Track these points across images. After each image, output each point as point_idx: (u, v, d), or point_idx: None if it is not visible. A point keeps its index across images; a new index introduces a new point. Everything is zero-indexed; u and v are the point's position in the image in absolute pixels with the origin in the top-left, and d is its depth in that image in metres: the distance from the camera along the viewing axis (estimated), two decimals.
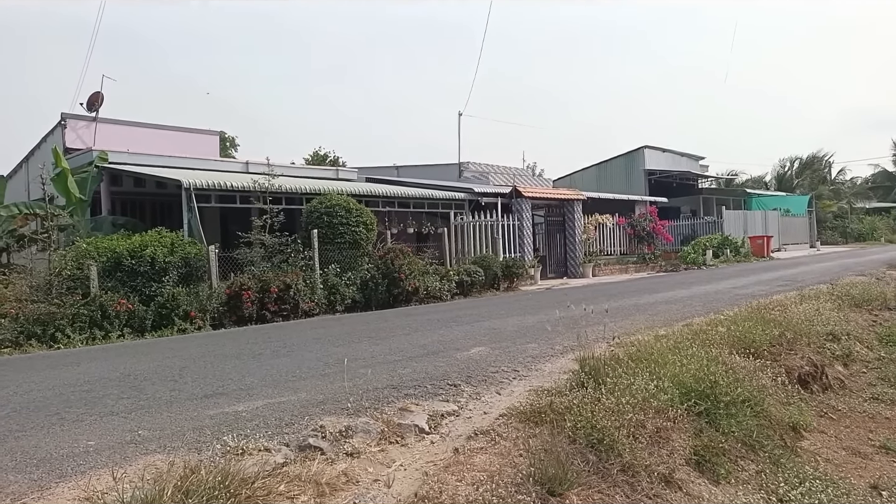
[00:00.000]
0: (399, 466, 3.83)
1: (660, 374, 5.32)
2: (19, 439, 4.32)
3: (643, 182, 31.34)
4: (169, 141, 18.60)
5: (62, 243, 12.62)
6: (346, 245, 13.77)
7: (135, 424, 4.54)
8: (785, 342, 7.74)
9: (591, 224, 22.30)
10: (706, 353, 6.20)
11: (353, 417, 4.43)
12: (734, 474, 4.91)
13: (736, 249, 25.90)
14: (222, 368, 6.71)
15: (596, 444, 4.26)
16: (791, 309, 9.54)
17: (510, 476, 3.71)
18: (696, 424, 5.11)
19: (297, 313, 12.11)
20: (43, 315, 9.95)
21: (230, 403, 5.04)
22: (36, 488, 3.38)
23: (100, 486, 3.30)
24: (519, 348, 7.10)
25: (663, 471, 4.38)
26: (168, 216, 16.74)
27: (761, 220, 31.45)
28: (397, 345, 7.74)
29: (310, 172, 20.80)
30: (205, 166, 16.99)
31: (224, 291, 11.68)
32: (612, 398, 4.70)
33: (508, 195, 19.88)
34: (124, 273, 11.00)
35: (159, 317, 10.84)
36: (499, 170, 27.68)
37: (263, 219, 13.26)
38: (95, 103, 18.50)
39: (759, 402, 5.80)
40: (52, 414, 4.99)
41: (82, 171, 15.40)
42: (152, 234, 11.92)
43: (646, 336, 6.86)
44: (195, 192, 13.30)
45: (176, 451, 3.84)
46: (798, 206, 37.33)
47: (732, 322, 7.98)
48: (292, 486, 3.38)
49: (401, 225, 17.79)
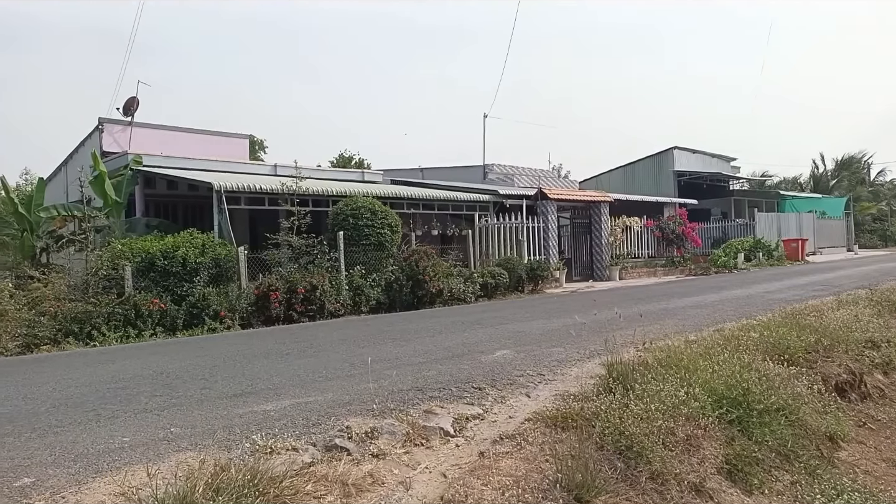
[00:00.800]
0: (424, 469, 3.84)
1: (690, 381, 5.23)
2: (58, 434, 4.44)
3: (672, 184, 30.92)
4: (200, 144, 18.95)
5: (98, 244, 12.93)
6: (372, 247, 13.86)
7: (167, 422, 4.63)
8: (821, 349, 7.55)
9: (618, 226, 22.07)
10: (738, 359, 6.07)
11: (379, 419, 4.45)
12: (768, 485, 4.80)
13: (769, 253, 25.39)
14: (251, 368, 6.80)
15: (624, 450, 4.21)
16: (827, 314, 9.30)
17: (536, 481, 3.69)
18: (728, 433, 5.01)
19: (323, 314, 12.23)
20: (80, 313, 10.22)
21: (259, 402, 5.11)
22: (74, 482, 3.46)
23: (134, 482, 3.36)
24: (544, 352, 7.05)
25: (694, 480, 4.31)
26: (199, 218, 17.03)
27: (795, 222, 30.80)
28: (422, 347, 7.76)
29: (336, 175, 20.98)
30: (235, 169, 17.28)
31: (253, 292, 11.85)
32: (641, 404, 4.63)
33: (533, 197, 19.79)
34: (157, 273, 11.22)
35: (190, 316, 11.05)
36: (524, 171, 27.59)
37: (291, 220, 13.42)
38: (131, 108, 18.94)
39: (794, 411, 5.65)
40: (88, 410, 5.11)
41: (118, 173, 15.77)
42: (184, 235, 12.15)
43: (675, 341, 6.74)
44: (225, 194, 13.51)
45: (207, 448, 3.90)
46: (834, 208, 36.48)
47: (766, 327, 7.80)
48: (319, 486, 3.41)
49: (425, 227, 17.83)
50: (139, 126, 18.94)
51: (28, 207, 14.65)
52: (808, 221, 31.83)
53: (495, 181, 24.90)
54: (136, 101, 19.01)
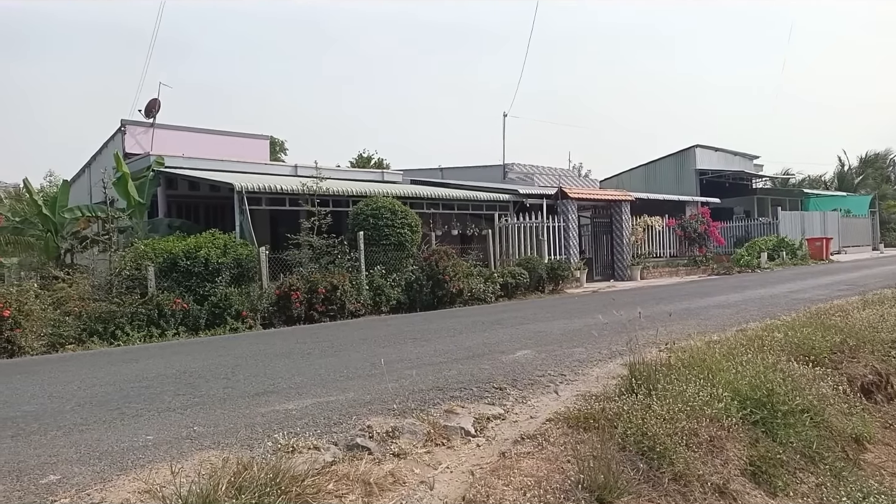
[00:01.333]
0: (445, 469, 3.83)
1: (713, 382, 5.16)
2: (83, 432, 4.51)
3: (694, 182, 30.59)
4: (221, 145, 19.14)
5: (122, 244, 13.12)
6: (392, 247, 13.89)
7: (190, 420, 4.68)
8: (847, 349, 7.41)
9: (639, 226, 21.87)
10: (762, 359, 5.98)
11: (400, 418, 4.46)
12: (792, 487, 4.73)
13: (793, 252, 25.01)
14: (273, 367, 6.85)
15: (647, 451, 4.16)
16: (853, 314, 9.13)
17: (558, 482, 3.67)
18: (752, 434, 4.94)
19: (344, 314, 12.28)
20: (104, 313, 10.37)
21: (280, 401, 5.14)
22: (99, 480, 3.50)
23: (158, 480, 3.40)
24: (565, 352, 7.02)
25: (717, 481, 4.25)
26: (221, 218, 17.22)
27: (820, 221, 30.30)
28: (442, 346, 7.76)
29: (356, 175, 21.07)
30: (256, 170, 17.43)
31: (274, 292, 11.94)
32: (664, 405, 4.58)
33: (554, 196, 19.69)
34: (180, 273, 11.35)
35: (212, 316, 11.16)
36: (544, 171, 27.47)
37: (311, 221, 13.50)
38: (153, 110, 19.19)
39: (819, 412, 5.56)
40: (113, 409, 5.18)
41: (141, 175, 15.99)
42: (206, 235, 12.27)
43: (698, 341, 6.67)
44: (247, 195, 13.64)
45: (229, 447, 3.94)
46: (859, 206, 35.83)
47: (790, 328, 7.69)
48: (341, 485, 3.42)
49: (445, 227, 17.83)
50: (161, 127, 19.19)
51: (52, 209, 14.89)
52: (833, 220, 31.30)
53: (515, 181, 24.82)
54: (157, 103, 19.26)
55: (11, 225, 15.02)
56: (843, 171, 46.99)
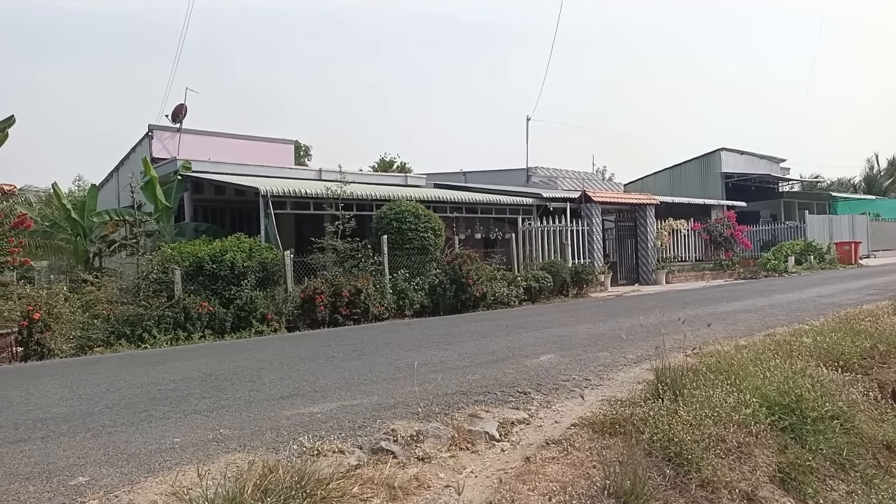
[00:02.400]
0: (470, 473, 3.82)
1: (741, 387, 5.08)
2: (111, 434, 4.57)
3: (720, 186, 30.24)
4: (247, 150, 19.37)
5: (149, 248, 13.34)
6: (415, 251, 13.92)
7: (216, 423, 4.72)
8: (877, 355, 7.26)
9: (664, 229, 21.65)
10: (791, 365, 5.88)
11: (424, 422, 4.45)
12: (822, 494, 4.63)
13: (820, 256, 24.54)
14: (297, 370, 6.90)
15: (673, 457, 4.11)
16: (883, 319, 8.93)
17: (583, 487, 3.64)
18: (781, 440, 4.85)
19: (368, 317, 12.33)
20: (131, 316, 10.54)
21: (305, 405, 5.17)
22: (127, 482, 3.54)
23: (185, 482, 3.42)
24: (590, 356, 6.96)
25: (745, 488, 4.18)
26: (246, 222, 17.39)
27: (848, 224, 29.70)
28: (466, 350, 7.75)
29: (379, 179, 21.18)
30: (280, 174, 17.59)
31: (298, 295, 12.03)
32: (691, 410, 4.52)
33: (577, 200, 19.58)
34: (206, 277, 11.49)
35: (238, 319, 11.28)
36: (567, 174, 27.36)
37: (335, 224, 13.59)
38: (179, 115, 19.48)
39: (849, 419, 5.45)
40: (140, 411, 5.25)
41: (167, 179, 16.24)
42: (232, 239, 12.41)
43: (725, 346, 6.57)
44: (272, 199, 13.79)
45: (255, 450, 3.96)
46: (889, 209, 35.07)
47: (819, 333, 7.55)
48: (365, 489, 3.43)
49: (468, 230, 17.84)
50: (187, 132, 19.47)
51: (81, 213, 15.19)
52: (862, 223, 30.66)
53: (538, 184, 24.76)
54: (184, 108, 19.55)
55: (41, 229, 15.34)
56: (871, 174, 46.04)
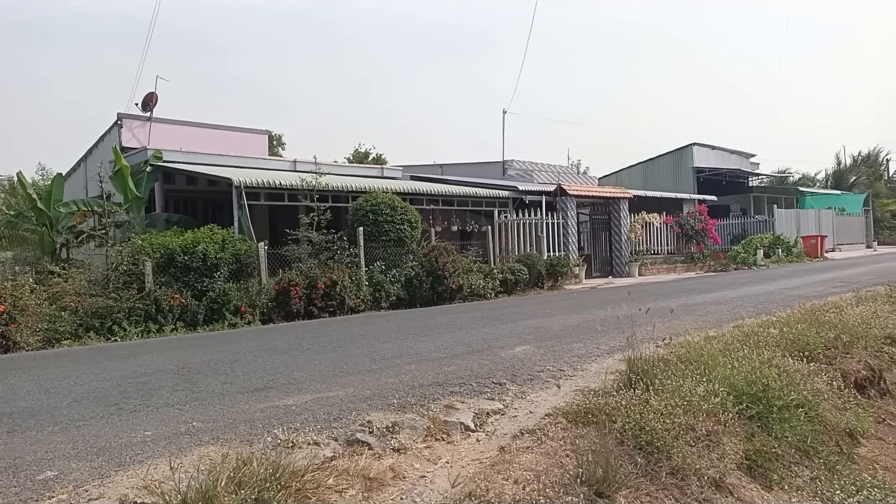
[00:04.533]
0: (445, 463, 3.85)
1: (710, 377, 5.20)
2: (80, 428, 4.50)
3: (691, 180, 30.67)
4: (220, 140, 19.08)
5: (118, 239, 13.08)
6: (391, 243, 13.89)
7: (189, 416, 4.68)
8: (840, 345, 7.46)
9: (637, 223, 21.91)
10: (758, 355, 6.03)
11: (400, 413, 4.47)
12: (787, 480, 4.75)
13: (788, 249, 25.09)
14: (272, 362, 6.86)
15: (645, 446, 4.19)
16: (847, 311, 9.20)
17: (557, 476, 3.69)
18: (748, 428, 4.97)
19: (343, 309, 12.28)
20: (101, 308, 10.36)
21: (280, 397, 5.15)
22: (97, 476, 3.50)
23: (157, 475, 3.40)
24: (564, 347, 7.04)
25: (714, 475, 4.28)
26: (219, 213, 17.17)
27: (815, 219, 30.41)
28: (442, 342, 7.77)
29: (355, 171, 21.04)
30: (254, 165, 17.35)
31: (273, 287, 11.93)
32: (662, 400, 4.62)
33: (553, 193, 19.70)
34: (177, 269, 11.33)
35: (211, 311, 11.15)
36: (543, 168, 27.47)
37: (311, 216, 13.48)
38: (150, 103, 19.09)
39: (813, 407, 5.60)
40: (110, 404, 5.18)
41: (138, 169, 15.92)
42: (204, 230, 12.25)
43: (695, 337, 6.71)
44: (245, 190, 13.61)
45: (229, 442, 3.94)
46: (854, 204, 35.96)
47: (785, 324, 7.74)
48: (341, 480, 3.44)
49: (445, 223, 17.84)
50: (158, 121, 19.10)
51: (47, 203, 14.81)
52: (827, 218, 31.41)
53: (514, 177, 24.82)
54: (154, 97, 19.16)
55: (6, 219, 14.93)
56: (838, 169, 47.16)
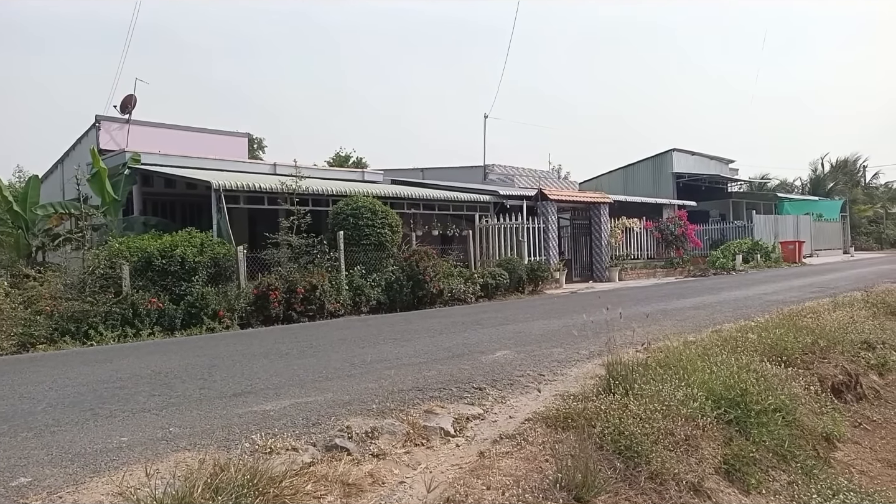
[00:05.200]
0: (424, 469, 3.83)
1: (689, 381, 5.24)
2: (55, 434, 4.42)
3: (671, 185, 31.01)
4: (199, 143, 18.90)
5: (95, 242, 12.90)
6: (372, 247, 13.85)
7: (166, 421, 4.61)
8: (818, 350, 7.57)
9: (617, 228, 22.09)
10: (736, 360, 6.08)
11: (379, 419, 4.45)
12: (765, 484, 4.81)
13: (766, 255, 25.45)
14: (250, 367, 6.79)
15: (624, 450, 4.21)
16: (824, 316, 9.33)
17: (536, 481, 3.69)
18: (726, 433, 5.02)
19: (323, 314, 12.21)
20: (77, 312, 10.19)
21: (258, 402, 5.10)
22: (71, 482, 3.44)
23: (132, 482, 3.35)
24: (544, 352, 7.06)
25: (692, 479, 4.31)
26: (198, 217, 16.99)
27: (793, 224, 30.87)
28: (422, 347, 7.76)
29: (336, 174, 20.94)
30: (234, 168, 17.22)
31: (252, 291, 11.83)
32: (641, 405, 4.65)
33: (534, 198, 19.80)
34: (155, 272, 11.19)
35: (189, 316, 11.02)
36: (524, 172, 27.61)
37: (290, 220, 13.39)
38: (128, 105, 18.87)
39: (791, 412, 5.67)
40: (86, 409, 5.09)
41: (115, 171, 15.71)
42: (182, 234, 12.12)
43: (674, 342, 6.76)
44: (224, 193, 13.48)
45: (206, 448, 3.89)
46: (831, 210, 36.57)
47: (763, 329, 7.83)
48: (319, 486, 3.41)
49: (426, 227, 17.82)
50: (137, 124, 18.88)
51: (23, 205, 14.56)
52: (805, 224, 31.91)
53: (496, 182, 24.90)
54: (133, 99, 18.95)
55: None
56: (816, 176, 47.92)
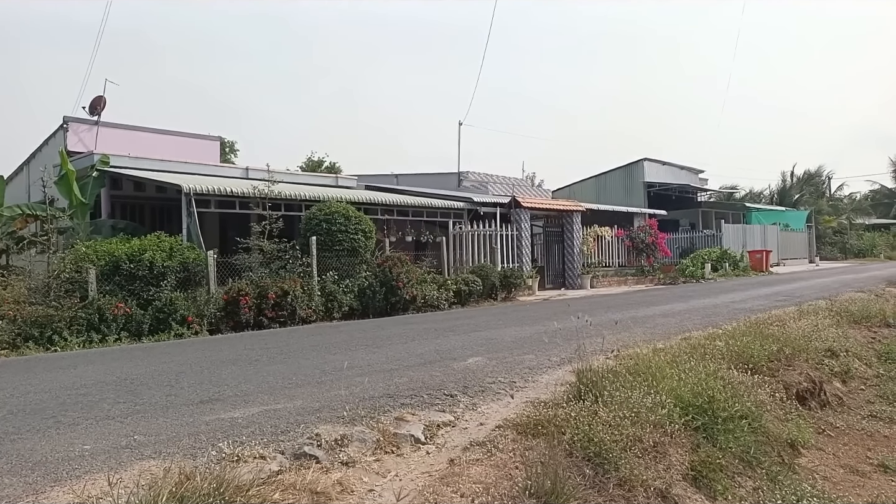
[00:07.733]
0: (394, 477, 3.82)
1: (658, 388, 5.30)
2: (15, 442, 4.31)
3: (642, 194, 31.43)
4: (170, 145, 18.63)
5: (61, 246, 12.61)
6: (345, 252, 13.77)
7: (130, 429, 4.52)
8: (783, 358, 7.73)
9: (590, 236, 22.32)
10: (704, 367, 6.18)
11: (349, 426, 4.42)
12: (731, 490, 4.88)
13: (735, 263, 25.92)
14: (219, 374, 6.69)
15: (593, 457, 4.24)
16: (790, 324, 9.54)
17: (506, 488, 3.70)
18: (694, 439, 5.09)
19: (295, 320, 12.09)
20: (41, 317, 9.93)
21: (226, 409, 5.03)
22: (31, 492, 3.37)
23: (95, 491, 3.29)
24: (516, 359, 7.09)
25: (660, 486, 4.36)
26: (167, 221, 16.74)
27: (760, 234, 31.50)
28: (394, 353, 7.73)
29: (309, 179, 20.83)
30: (205, 171, 17.03)
31: (222, 297, 11.67)
32: (610, 411, 4.68)
33: (507, 205, 19.91)
34: (122, 277, 10.98)
35: (157, 321, 10.82)
36: (498, 179, 27.73)
37: (262, 225, 13.26)
38: (98, 107, 18.54)
39: (756, 418, 5.77)
40: (48, 417, 4.97)
41: (84, 174, 15.41)
42: (151, 238, 11.92)
43: (644, 349, 6.84)
44: (195, 197, 13.31)
45: (171, 456, 3.83)
46: (797, 220, 37.41)
47: (731, 336, 7.96)
48: (287, 495, 3.37)
49: (399, 233, 17.80)
50: (106, 126, 18.55)
51: None
52: (773, 233, 32.59)
53: (470, 189, 24.98)
54: (103, 100, 18.63)
55: None
56: (783, 186, 49.06)
